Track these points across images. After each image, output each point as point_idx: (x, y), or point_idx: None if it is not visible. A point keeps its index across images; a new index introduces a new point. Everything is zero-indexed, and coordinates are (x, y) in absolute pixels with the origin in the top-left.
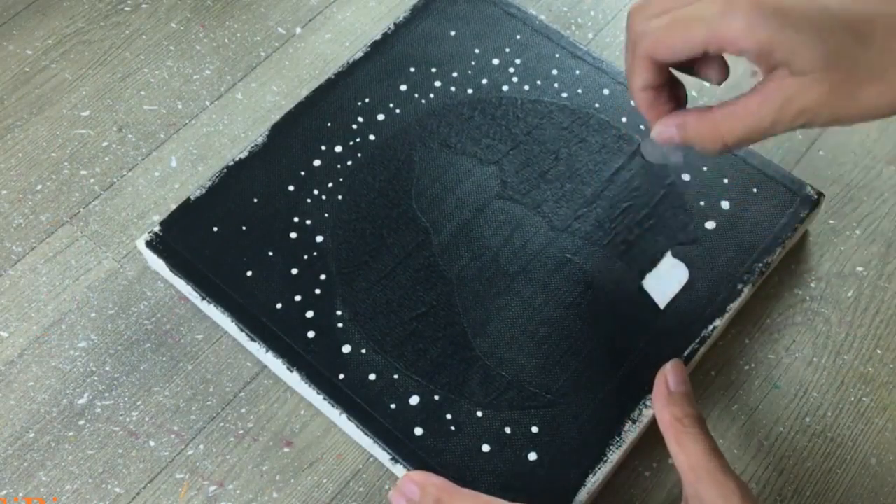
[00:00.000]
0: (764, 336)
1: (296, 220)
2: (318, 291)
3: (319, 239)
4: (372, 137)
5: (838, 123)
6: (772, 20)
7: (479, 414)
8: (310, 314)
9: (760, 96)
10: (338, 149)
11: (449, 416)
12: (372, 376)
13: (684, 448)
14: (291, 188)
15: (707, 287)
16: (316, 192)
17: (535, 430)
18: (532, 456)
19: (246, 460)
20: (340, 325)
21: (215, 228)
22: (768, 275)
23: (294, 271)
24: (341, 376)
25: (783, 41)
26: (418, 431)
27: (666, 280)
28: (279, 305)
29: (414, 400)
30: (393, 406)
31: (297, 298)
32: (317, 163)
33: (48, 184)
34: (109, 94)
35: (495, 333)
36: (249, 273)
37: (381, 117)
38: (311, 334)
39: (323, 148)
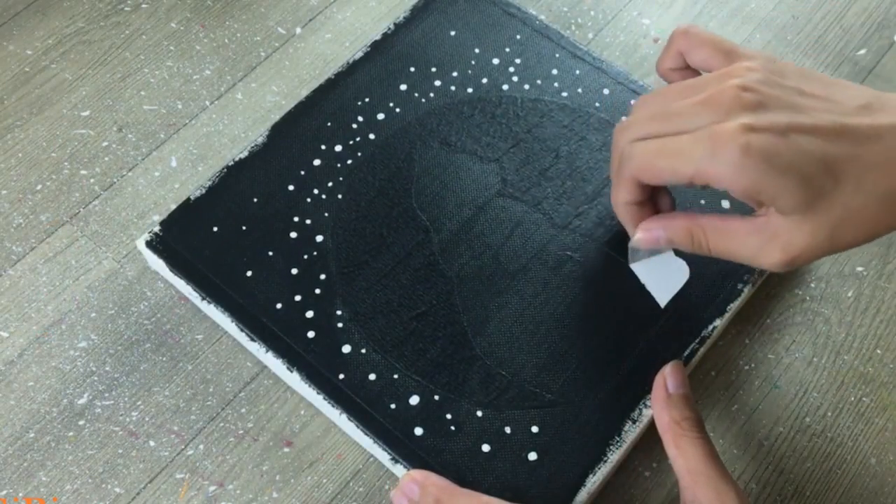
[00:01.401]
0: (764, 336)
1: (296, 219)
2: (318, 291)
3: (319, 238)
4: (372, 137)
5: (812, 261)
6: (759, 164)
7: (479, 414)
8: (310, 314)
9: (751, 227)
10: (338, 148)
11: (449, 416)
12: (372, 376)
13: (683, 452)
14: (291, 188)
15: (707, 287)
16: (316, 191)
17: (535, 430)
18: (532, 456)
19: (246, 460)
20: (340, 325)
21: (215, 228)
22: (768, 275)
23: (294, 271)
24: (341, 376)
25: (768, 186)
26: (418, 431)
27: (666, 279)
28: (279, 305)
29: (414, 400)
30: (393, 406)
31: (297, 298)
32: (317, 162)
33: (48, 184)
34: (109, 94)
35: (495, 332)
36: (249, 273)
37: (381, 117)
38: (311, 334)
39: (323, 147)
